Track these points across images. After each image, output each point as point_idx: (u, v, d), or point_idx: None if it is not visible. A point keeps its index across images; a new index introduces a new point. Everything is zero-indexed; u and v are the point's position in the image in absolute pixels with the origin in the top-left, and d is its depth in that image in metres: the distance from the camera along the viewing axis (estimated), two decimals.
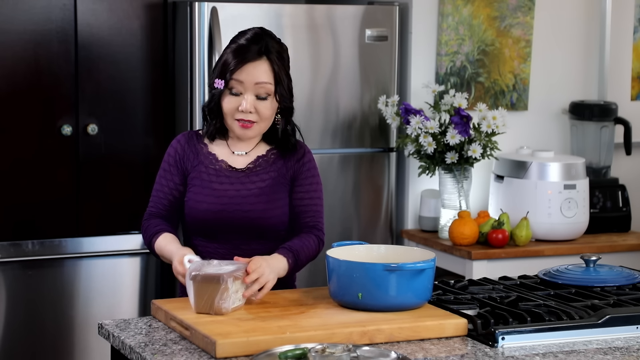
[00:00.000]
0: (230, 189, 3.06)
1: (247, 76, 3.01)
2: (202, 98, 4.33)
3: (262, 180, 3.07)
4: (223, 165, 3.08)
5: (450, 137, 4.35)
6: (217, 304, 2.70)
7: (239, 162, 3.10)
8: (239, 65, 3.01)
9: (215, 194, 3.05)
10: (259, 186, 3.07)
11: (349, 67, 4.55)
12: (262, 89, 3.02)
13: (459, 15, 4.68)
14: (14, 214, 4.31)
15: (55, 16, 4.29)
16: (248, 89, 3.01)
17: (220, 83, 3.03)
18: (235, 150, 3.11)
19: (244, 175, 3.08)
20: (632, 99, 5.07)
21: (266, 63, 3.03)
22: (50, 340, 4.38)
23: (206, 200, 3.05)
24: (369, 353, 2.41)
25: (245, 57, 3.02)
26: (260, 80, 3.02)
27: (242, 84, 3.01)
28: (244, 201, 3.04)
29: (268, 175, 3.08)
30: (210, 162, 3.09)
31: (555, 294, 2.96)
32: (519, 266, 4.26)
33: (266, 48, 3.04)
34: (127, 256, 4.48)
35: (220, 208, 3.04)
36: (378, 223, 4.66)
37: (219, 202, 3.04)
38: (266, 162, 3.10)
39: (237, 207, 3.04)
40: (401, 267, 2.71)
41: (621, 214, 4.77)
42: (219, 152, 3.11)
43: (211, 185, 3.06)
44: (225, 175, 3.07)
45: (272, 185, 3.07)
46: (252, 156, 3.10)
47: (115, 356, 2.71)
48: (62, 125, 4.33)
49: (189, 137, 3.14)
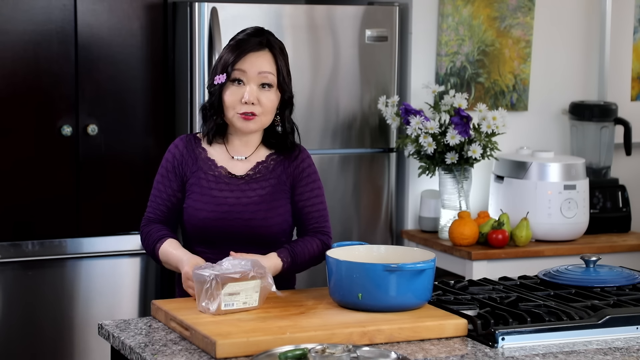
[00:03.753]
0: (230, 197, 3.03)
1: (250, 65, 2.98)
2: (202, 98, 4.33)
3: (262, 188, 3.05)
4: (222, 171, 3.05)
5: (450, 138, 4.35)
6: (202, 304, 2.71)
7: (238, 168, 3.06)
8: (241, 55, 2.98)
9: (215, 202, 3.02)
10: (259, 194, 3.04)
11: (349, 68, 4.55)
12: (265, 78, 2.98)
13: (459, 15, 4.68)
14: (14, 214, 4.31)
15: (55, 16, 4.29)
16: (251, 79, 2.98)
17: (221, 78, 3.00)
18: (235, 155, 3.07)
19: (244, 182, 3.05)
20: (632, 100, 5.07)
21: (269, 54, 3.01)
22: (50, 340, 4.38)
23: (206, 208, 3.02)
24: (369, 353, 2.41)
25: (246, 48, 2.99)
26: (263, 70, 2.99)
27: (244, 73, 2.98)
28: (245, 209, 3.02)
29: (268, 183, 3.05)
30: (209, 168, 3.05)
31: (555, 295, 2.96)
32: (519, 266, 4.26)
33: (268, 41, 3.03)
34: (127, 256, 4.48)
35: (220, 216, 3.01)
36: (378, 223, 4.66)
37: (219, 209, 3.02)
38: (266, 169, 3.07)
39: (238, 215, 3.01)
40: (401, 267, 2.71)
41: (621, 215, 4.77)
42: (218, 158, 3.07)
43: (211, 192, 3.03)
44: (225, 182, 3.04)
45: (272, 193, 3.05)
46: (251, 162, 3.07)
47: (115, 356, 2.71)
48: (62, 126, 4.33)
49: (187, 142, 3.09)
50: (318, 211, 3.09)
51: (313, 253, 3.04)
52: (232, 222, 3.01)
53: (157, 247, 3.03)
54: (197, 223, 3.03)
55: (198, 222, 3.03)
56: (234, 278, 2.71)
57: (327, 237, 3.09)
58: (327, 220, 3.11)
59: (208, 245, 3.02)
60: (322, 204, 3.10)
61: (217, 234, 3.01)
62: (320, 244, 3.05)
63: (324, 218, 3.10)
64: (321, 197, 3.10)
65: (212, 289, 2.69)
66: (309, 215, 3.08)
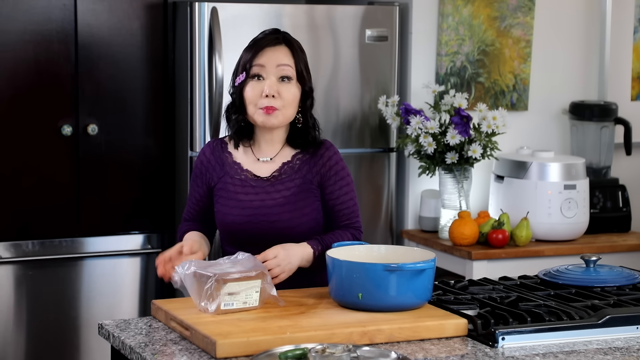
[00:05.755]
0: (256, 200, 3.05)
1: (267, 60, 3.00)
2: (202, 98, 4.33)
3: (287, 189, 3.05)
4: (248, 174, 3.07)
5: (451, 138, 4.35)
6: (201, 304, 2.71)
7: (263, 170, 3.08)
8: (258, 51, 3.00)
9: (241, 205, 3.05)
10: (284, 195, 3.05)
11: (349, 67, 4.55)
12: (284, 71, 3.00)
13: (459, 15, 4.68)
14: (15, 214, 4.31)
15: (55, 16, 4.29)
16: (270, 73, 3.00)
17: (241, 77, 3.02)
18: (260, 157, 3.09)
19: (269, 184, 3.06)
20: (632, 99, 5.07)
21: (286, 48, 3.03)
22: (51, 340, 4.38)
23: (232, 213, 3.05)
24: (369, 353, 2.41)
25: (263, 44, 3.02)
26: (282, 62, 3.00)
27: (263, 68, 2.99)
28: (270, 211, 3.03)
29: (293, 183, 3.06)
30: (235, 172, 3.08)
31: (556, 294, 2.96)
32: (519, 266, 4.26)
33: (284, 38, 3.05)
34: (127, 256, 4.48)
35: (247, 219, 3.03)
36: (378, 223, 4.66)
37: (244, 213, 3.04)
38: (291, 169, 3.07)
39: (263, 217, 3.03)
40: (401, 267, 2.71)
41: (621, 214, 4.77)
42: (243, 161, 3.09)
43: (237, 196, 3.06)
44: (251, 185, 3.06)
45: (298, 193, 3.05)
46: (277, 163, 3.08)
47: (115, 356, 2.71)
48: (62, 126, 4.33)
49: (214, 148, 3.12)
50: (348, 208, 3.10)
51: None
52: (258, 224, 3.03)
53: None
54: (225, 227, 3.08)
55: (227, 225, 3.07)
56: (234, 278, 2.71)
57: (358, 232, 3.10)
58: (357, 215, 3.12)
59: (239, 246, 3.02)
60: (352, 200, 3.11)
61: (245, 236, 3.04)
62: (351, 236, 3.07)
63: (355, 214, 3.11)
64: (350, 193, 3.11)
65: (212, 289, 2.69)
66: (339, 212, 3.09)
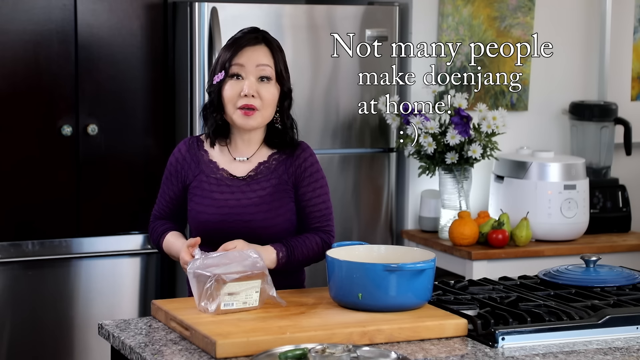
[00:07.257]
0: (231, 199, 3.02)
1: (247, 59, 2.98)
2: (202, 98, 4.33)
3: (262, 189, 3.03)
4: (224, 174, 3.05)
5: (451, 138, 4.35)
6: (201, 304, 2.71)
7: (240, 169, 3.06)
8: (238, 50, 2.99)
9: (216, 204, 3.02)
10: (259, 195, 3.03)
11: (349, 68, 4.55)
12: (263, 71, 2.98)
13: (459, 15, 4.68)
14: (15, 214, 4.31)
15: (55, 16, 4.29)
16: (249, 72, 2.98)
17: (219, 75, 3.00)
18: (237, 156, 3.07)
19: (245, 183, 3.04)
20: (632, 99, 5.07)
21: (265, 48, 3.01)
22: (51, 340, 4.38)
23: (207, 211, 3.03)
24: (369, 353, 2.41)
25: (242, 43, 3.00)
26: (261, 62, 2.99)
27: (243, 67, 2.98)
28: (244, 211, 3.01)
29: (269, 183, 3.04)
30: (211, 170, 3.06)
31: (555, 294, 2.96)
32: (519, 266, 4.26)
33: (264, 37, 3.04)
34: (127, 256, 4.48)
35: (221, 218, 3.01)
36: (378, 223, 4.66)
37: (219, 212, 3.02)
38: (267, 169, 3.05)
39: (238, 217, 3.01)
40: (401, 267, 2.71)
41: (621, 214, 4.77)
42: (219, 160, 3.07)
43: (212, 195, 3.03)
44: (226, 184, 3.04)
45: (273, 193, 3.03)
46: (253, 162, 3.06)
47: (115, 356, 2.71)
48: (62, 126, 4.33)
49: (189, 145, 3.10)
50: (320, 211, 3.07)
51: (312, 249, 3.02)
52: (232, 224, 3.01)
53: (161, 240, 3.09)
54: (199, 226, 3.04)
55: (200, 224, 3.04)
56: (234, 278, 2.71)
57: (329, 236, 3.06)
58: (329, 219, 3.08)
59: (212, 246, 3.00)
60: (325, 203, 3.08)
61: (219, 235, 3.00)
62: (320, 241, 3.04)
63: (327, 217, 3.08)
64: (324, 196, 3.08)
65: (212, 289, 2.69)
66: (310, 215, 3.06)
